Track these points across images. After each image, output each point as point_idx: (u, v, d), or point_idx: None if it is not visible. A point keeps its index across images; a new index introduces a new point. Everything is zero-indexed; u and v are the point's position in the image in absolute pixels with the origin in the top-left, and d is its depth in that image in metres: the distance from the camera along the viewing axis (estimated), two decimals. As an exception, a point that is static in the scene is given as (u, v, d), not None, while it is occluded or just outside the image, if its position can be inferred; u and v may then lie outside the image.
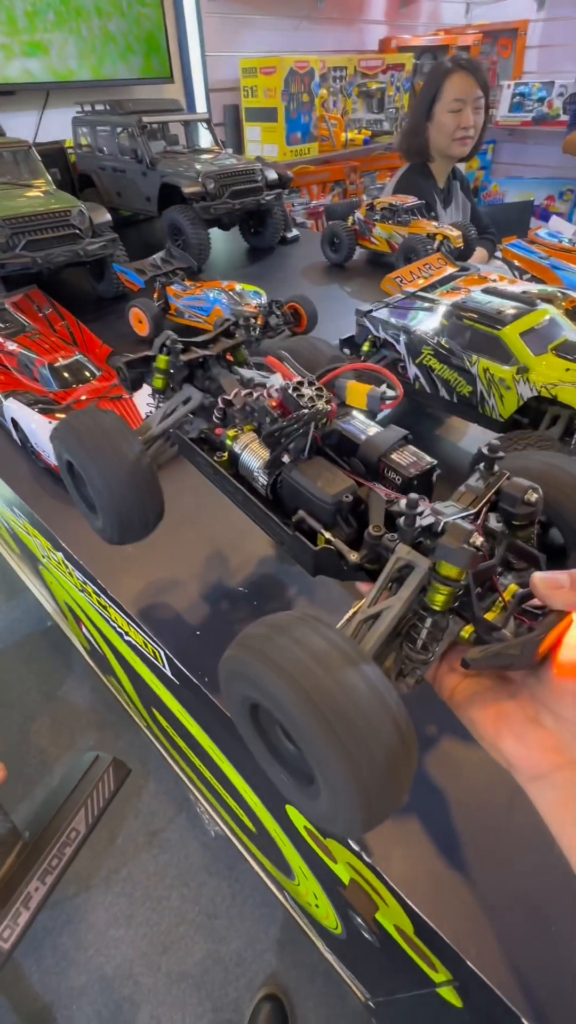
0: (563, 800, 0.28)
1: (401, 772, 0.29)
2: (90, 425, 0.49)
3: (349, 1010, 1.11)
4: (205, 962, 1.18)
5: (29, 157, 1.32)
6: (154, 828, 1.39)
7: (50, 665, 1.77)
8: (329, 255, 1.57)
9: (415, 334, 0.76)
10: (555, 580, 0.29)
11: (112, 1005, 1.13)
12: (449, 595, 0.33)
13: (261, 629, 0.31)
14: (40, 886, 0.28)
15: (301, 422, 0.42)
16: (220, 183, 1.44)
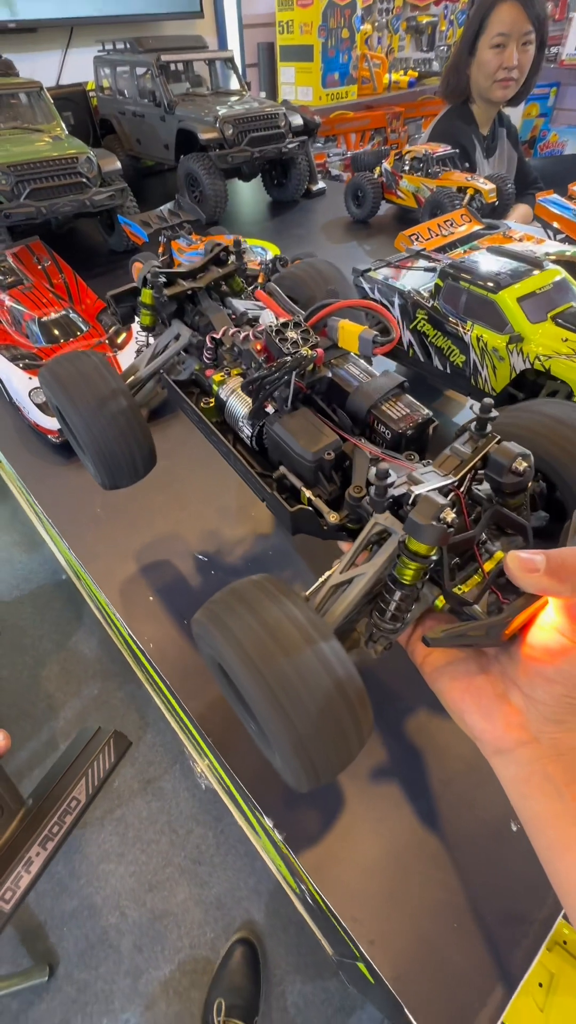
0: (524, 776, 0.28)
1: (349, 739, 0.29)
2: (69, 368, 0.47)
3: (318, 961, 1.15)
4: (186, 903, 1.24)
5: (41, 99, 1.27)
6: (149, 776, 1.45)
7: (62, 616, 1.84)
8: (352, 210, 1.48)
9: (410, 296, 0.70)
10: (530, 562, 0.27)
11: (99, 931, 1.21)
12: (418, 570, 0.31)
13: (224, 595, 0.32)
14: (41, 851, 0.29)
15: (282, 371, 0.39)
16: (239, 129, 1.36)
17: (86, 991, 1.14)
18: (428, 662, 0.34)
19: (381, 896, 0.37)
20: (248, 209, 1.68)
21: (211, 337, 0.45)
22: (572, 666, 0.26)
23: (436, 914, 0.36)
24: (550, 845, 0.27)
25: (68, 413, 0.47)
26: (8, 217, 1.07)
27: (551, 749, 0.28)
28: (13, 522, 2.14)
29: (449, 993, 0.34)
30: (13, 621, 1.82)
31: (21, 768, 1.47)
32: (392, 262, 0.79)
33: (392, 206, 1.51)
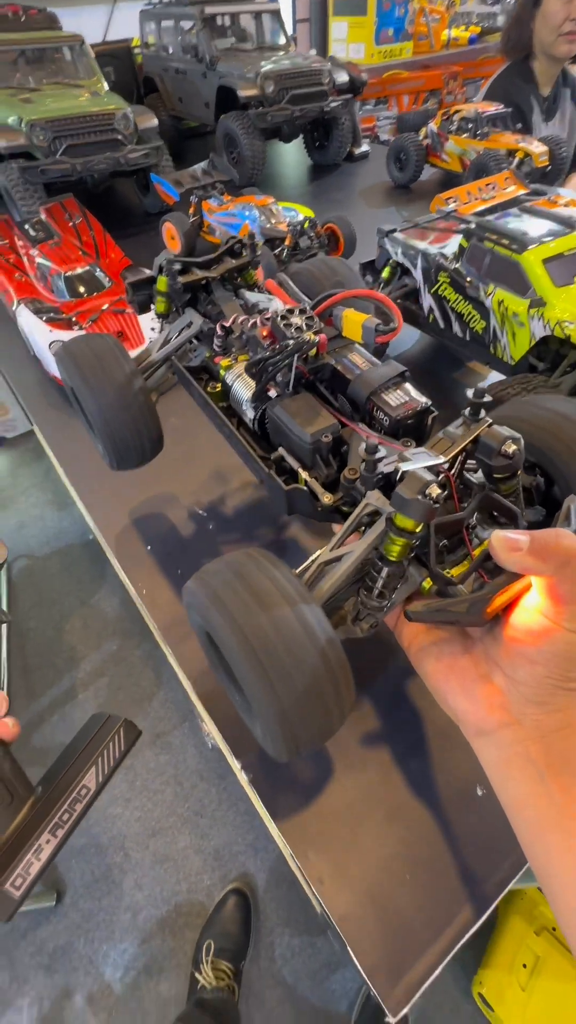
0: (506, 758, 0.28)
1: (330, 711, 0.30)
2: (84, 350, 0.49)
3: (308, 918, 1.19)
4: (186, 851, 1.30)
5: (83, 54, 1.26)
6: (159, 731, 1.51)
7: (87, 574, 1.91)
8: (394, 174, 1.42)
9: (432, 258, 0.67)
10: (514, 541, 0.27)
11: (104, 867, 1.28)
12: (405, 546, 0.31)
13: (217, 565, 0.33)
14: (51, 839, 0.29)
15: (284, 353, 0.40)
16: (280, 86, 1.32)
17: (89, 920, 1.21)
18: (414, 644, 0.34)
19: (338, 842, 0.38)
20: (287, 172, 1.64)
21: (221, 325, 0.46)
22: (553, 647, 0.26)
23: (390, 865, 0.37)
24: (530, 827, 0.27)
25: (82, 395, 0.49)
26: (44, 173, 1.09)
27: (533, 731, 0.27)
28: (46, 481, 2.21)
29: (392, 939, 0.34)
30: (42, 575, 1.90)
31: (43, 714, 1.55)
32: (420, 223, 0.76)
33: (436, 171, 1.44)
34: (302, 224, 0.99)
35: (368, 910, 0.35)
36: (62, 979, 1.15)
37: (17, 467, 2.30)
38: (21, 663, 1.67)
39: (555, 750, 0.27)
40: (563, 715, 0.27)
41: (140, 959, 1.16)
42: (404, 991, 0.32)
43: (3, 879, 0.28)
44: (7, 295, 0.87)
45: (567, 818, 0.26)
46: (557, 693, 0.27)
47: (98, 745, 0.31)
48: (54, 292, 0.83)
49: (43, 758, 1.46)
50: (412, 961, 0.33)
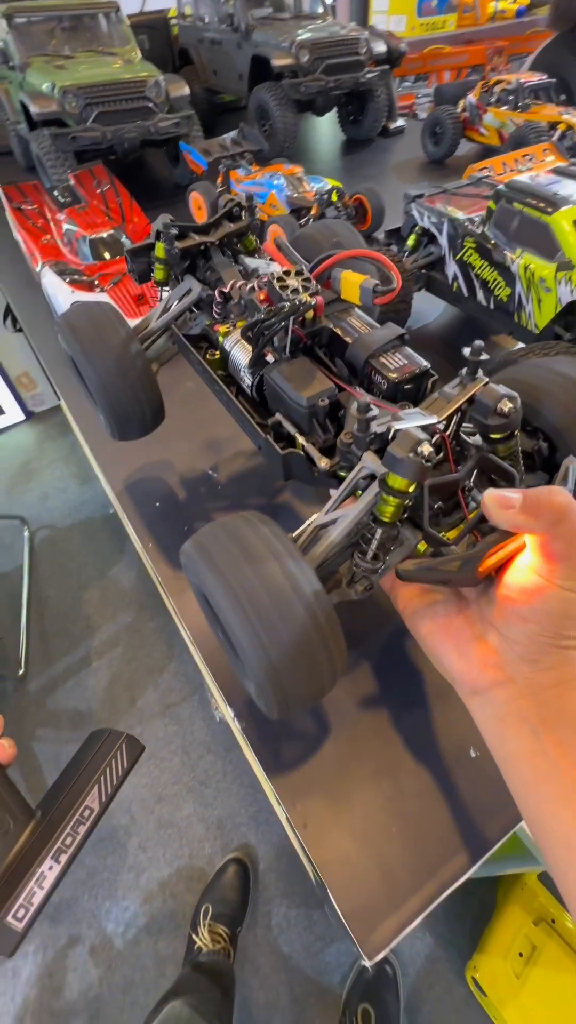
0: (500, 716, 0.28)
1: (320, 671, 0.30)
2: (84, 319, 0.49)
3: (305, 891, 1.21)
4: (190, 819, 1.33)
5: (119, 21, 1.26)
6: (169, 702, 1.54)
7: (107, 547, 1.95)
8: (429, 148, 1.38)
9: (459, 223, 0.65)
10: (506, 499, 0.27)
11: (110, 829, 1.32)
12: (398, 507, 0.31)
13: (212, 527, 0.33)
14: (54, 865, 0.27)
15: (280, 315, 0.39)
16: (315, 55, 1.29)
17: (94, 876, 1.25)
18: (409, 606, 0.34)
19: (325, 791, 0.38)
20: (319, 146, 1.61)
21: (220, 291, 0.45)
22: (546, 604, 0.26)
23: (376, 816, 0.37)
24: (524, 782, 0.27)
25: (81, 364, 0.48)
26: (75, 140, 1.09)
27: (526, 688, 0.27)
28: (71, 455, 2.26)
29: (373, 887, 0.34)
30: (63, 546, 1.94)
31: (58, 680, 1.60)
32: (449, 189, 0.74)
33: (473, 145, 1.40)
34: (329, 193, 0.97)
35: (351, 857, 0.35)
36: (66, 930, 1.19)
37: (43, 440, 2.35)
38: (39, 630, 1.71)
39: (549, 707, 0.27)
40: (556, 672, 0.27)
41: (141, 918, 1.19)
42: (381, 938, 0.32)
43: (5, 911, 0.26)
44: (33, 258, 0.88)
45: (561, 772, 0.26)
46: (550, 651, 0.27)
47: (100, 763, 0.30)
48: (78, 255, 0.84)
49: (55, 721, 1.51)
50: (391, 910, 0.33)
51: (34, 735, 1.49)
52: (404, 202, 0.74)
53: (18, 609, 1.74)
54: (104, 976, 1.13)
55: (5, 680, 1.58)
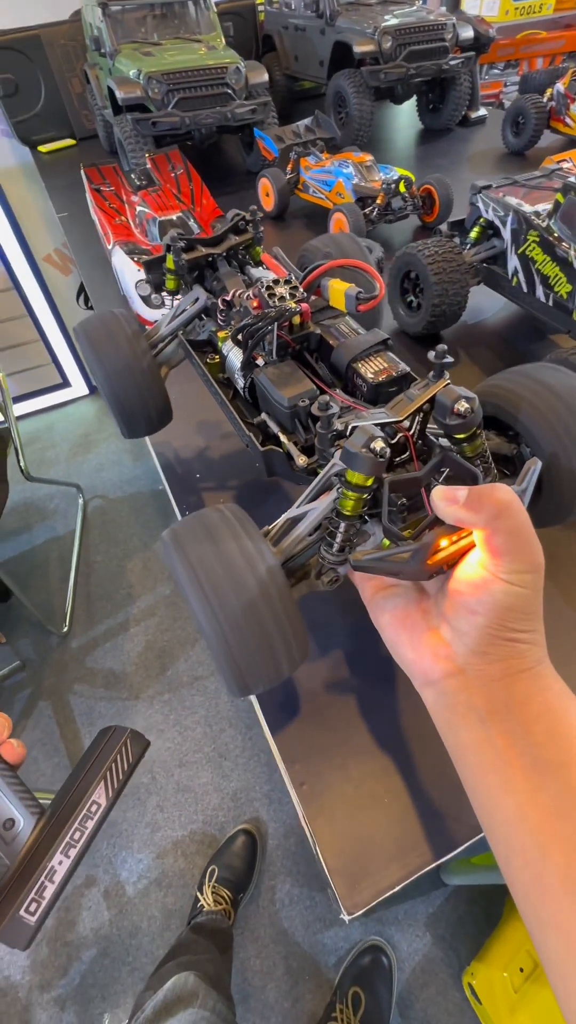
0: (450, 705, 0.29)
1: (277, 656, 0.32)
2: (96, 325, 0.52)
3: (310, 872, 1.23)
4: (207, 787, 1.38)
5: (207, 7, 1.29)
6: (198, 674, 1.60)
7: (153, 521, 2.03)
8: (509, 139, 1.33)
9: (524, 215, 0.64)
10: (452, 495, 0.28)
11: (132, 786, 1.40)
12: (357, 501, 0.32)
13: (188, 518, 0.36)
14: (64, 859, 0.27)
15: (265, 320, 0.41)
16: (399, 42, 1.27)
17: (113, 827, 1.33)
18: (373, 600, 0.35)
19: (324, 755, 0.40)
20: (394, 135, 1.59)
21: (223, 299, 0.48)
22: (491, 597, 0.27)
23: (369, 785, 0.38)
24: (472, 771, 0.28)
25: (93, 369, 0.52)
26: (155, 126, 1.13)
27: (476, 680, 0.28)
28: (128, 431, 2.35)
29: (359, 848, 0.36)
30: (113, 515, 2.04)
31: (98, 640, 1.69)
32: (520, 180, 0.72)
33: (558, 137, 1.34)
34: (397, 183, 0.96)
35: (341, 817, 0.36)
36: (84, 871, 1.27)
37: (103, 415, 2.46)
38: (85, 592, 1.82)
39: (496, 698, 0.27)
40: (504, 664, 0.27)
41: (153, 871, 1.26)
42: (362, 896, 0.34)
43: (18, 905, 0.27)
44: (106, 236, 0.93)
45: (505, 762, 0.26)
46: (497, 642, 0.27)
47: (105, 759, 0.30)
48: (147, 236, 0.88)
49: (92, 678, 1.60)
50: (375, 872, 0.34)
51: (72, 689, 1.59)
52: (470, 193, 0.72)
53: (68, 571, 1.85)
54: (115, 919, 1.20)
55: (51, 635, 1.69)
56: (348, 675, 0.45)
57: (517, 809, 0.25)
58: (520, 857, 0.25)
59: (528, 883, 0.25)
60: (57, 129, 1.66)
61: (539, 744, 0.26)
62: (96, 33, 1.28)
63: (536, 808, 0.25)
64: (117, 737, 0.31)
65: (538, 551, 0.27)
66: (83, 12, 1.38)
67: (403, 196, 0.97)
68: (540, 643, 0.28)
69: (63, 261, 2.11)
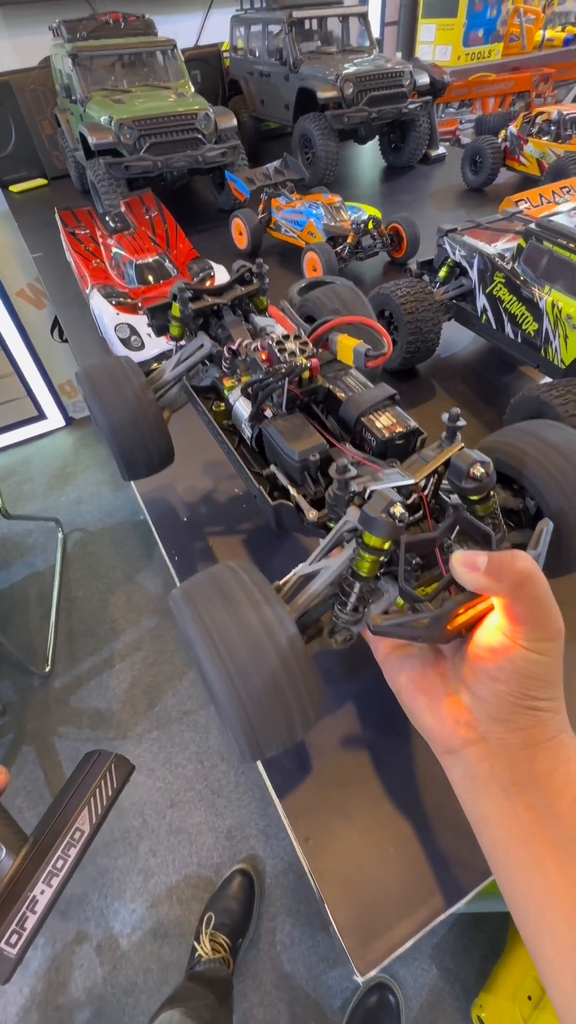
0: (472, 775, 0.29)
1: (292, 719, 0.31)
2: (101, 371, 0.53)
3: (310, 910, 1.20)
4: (201, 827, 1.34)
5: (174, 57, 1.33)
6: (187, 709, 1.57)
7: (135, 553, 2.00)
8: (468, 177, 1.40)
9: (489, 258, 0.67)
10: (472, 561, 0.28)
11: (122, 829, 1.35)
12: (373, 563, 0.33)
13: (199, 576, 0.35)
14: (46, 889, 0.27)
15: (277, 376, 0.42)
16: (360, 88, 1.33)
17: (105, 875, 1.28)
18: (388, 658, 0.35)
19: (328, 807, 0.39)
20: (359, 173, 1.65)
21: (228, 348, 0.49)
22: (512, 664, 0.27)
23: (376, 836, 0.38)
24: (496, 844, 0.27)
25: (97, 415, 0.53)
26: (128, 169, 1.16)
27: (498, 749, 0.28)
28: (106, 462, 2.34)
29: (369, 903, 0.35)
30: (94, 549, 2.01)
31: (82, 678, 1.64)
32: (483, 224, 0.75)
33: (513, 174, 1.41)
34: (366, 223, 1.00)
35: (348, 871, 0.36)
36: (75, 926, 1.22)
37: (81, 446, 2.44)
38: (67, 629, 1.77)
39: (520, 768, 0.27)
40: (526, 734, 0.27)
41: (147, 921, 1.21)
42: (374, 954, 0.33)
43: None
44: (83, 280, 0.94)
45: (532, 836, 0.26)
46: (519, 711, 0.27)
47: (89, 784, 0.30)
48: (124, 279, 0.89)
49: (77, 719, 1.55)
50: (386, 928, 0.34)
51: (56, 731, 1.54)
52: (437, 236, 0.76)
53: (48, 607, 1.81)
54: (109, 976, 1.14)
55: (32, 676, 1.64)
56: (348, 723, 0.45)
57: (547, 889, 0.25)
58: (552, 943, 0.24)
59: (561, 969, 0.24)
60: (28, 169, 1.69)
61: (565, 818, 0.25)
62: (67, 81, 1.31)
63: (568, 890, 0.24)
64: (101, 762, 0.30)
65: (558, 619, 0.27)
66: (52, 60, 1.42)
67: (372, 235, 1.00)
68: (561, 711, 0.28)
69: (36, 296, 2.11)
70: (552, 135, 1.24)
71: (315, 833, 0.38)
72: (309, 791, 0.41)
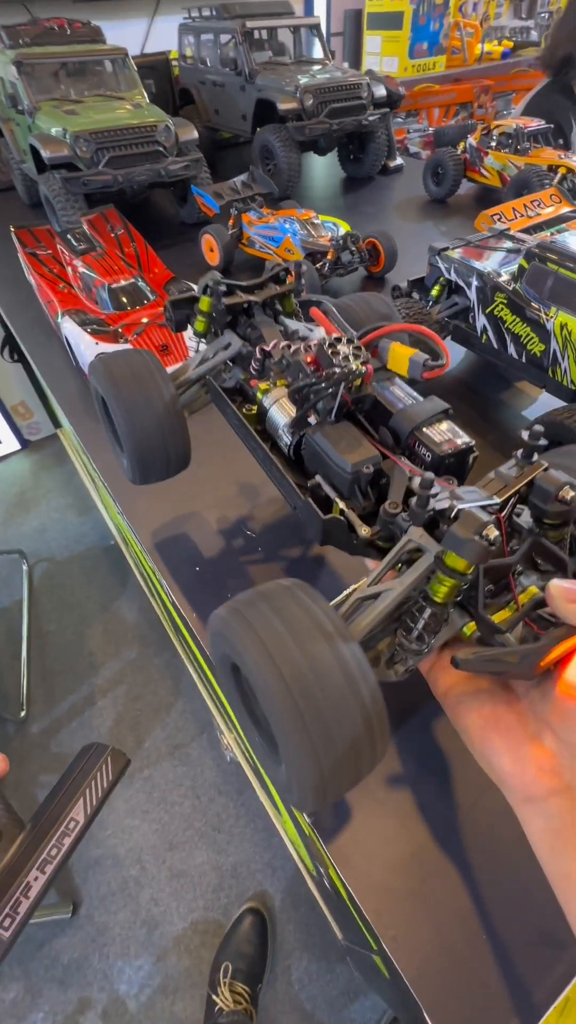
0: (556, 828, 0.26)
1: (362, 759, 0.28)
2: (123, 365, 0.49)
3: (326, 942, 1.17)
4: (203, 867, 1.28)
5: (125, 67, 1.28)
6: (177, 742, 1.50)
7: (108, 580, 1.91)
8: (431, 188, 1.42)
9: (489, 278, 0.66)
10: (574, 592, 0.26)
11: (120, 880, 1.27)
12: (453, 588, 0.30)
13: (250, 595, 0.31)
14: (40, 875, 0.28)
15: (331, 381, 0.39)
16: (319, 99, 1.32)
17: (105, 933, 1.20)
18: (451, 693, 0.32)
19: (406, 894, 0.36)
20: (321, 184, 1.64)
21: (261, 349, 0.46)
22: None
23: (463, 921, 0.35)
24: None
25: (114, 409, 0.48)
26: (86, 184, 1.09)
27: None
28: (68, 486, 2.23)
29: (470, 1003, 0.32)
30: (63, 579, 1.90)
31: (62, 720, 1.55)
32: (472, 242, 0.75)
33: (473, 185, 1.43)
34: (344, 239, 0.98)
35: (443, 971, 0.33)
36: (76, 993, 1.13)
37: (40, 470, 2.32)
38: (41, 667, 1.67)
39: None
40: None
41: (155, 977, 1.14)
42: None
43: None
44: (51, 305, 0.87)
45: None
46: None
47: (85, 776, 0.30)
48: (98, 303, 0.83)
49: (59, 766, 1.45)
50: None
51: (37, 781, 1.43)
52: (429, 255, 0.75)
53: (18, 646, 1.69)
54: (119, 1044, 1.07)
55: (6, 723, 1.53)
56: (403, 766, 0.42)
57: None
58: None
59: None
60: (-32, 182, 1.58)
61: None
62: (10, 89, 1.23)
63: None
64: (98, 754, 0.32)
65: None
66: (-8, 67, 1.33)
67: (351, 250, 0.99)
68: None
69: (-17, 315, 1.98)
70: (510, 148, 1.26)
71: (403, 930, 0.34)
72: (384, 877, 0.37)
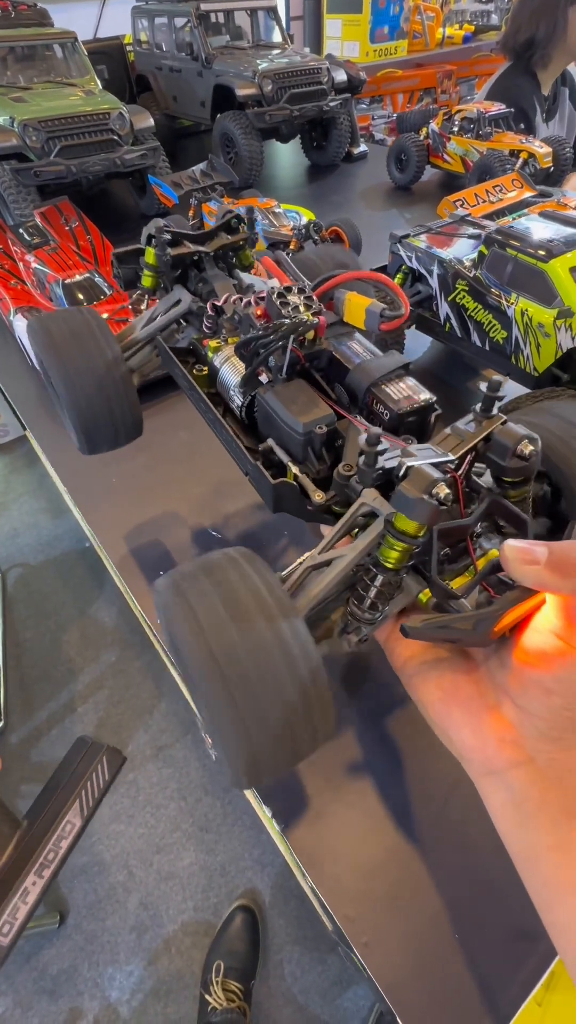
0: (517, 801, 0.25)
1: (299, 738, 0.26)
2: (62, 325, 0.45)
3: (317, 934, 1.17)
4: (192, 868, 1.27)
5: (75, 52, 1.23)
6: (161, 744, 1.48)
7: (85, 583, 1.87)
8: (395, 175, 1.40)
9: (450, 265, 0.65)
10: (529, 552, 0.24)
11: (107, 887, 1.25)
12: (404, 552, 0.28)
13: (191, 567, 0.29)
14: (37, 880, 0.27)
15: (279, 333, 0.36)
16: (279, 85, 1.29)
17: (93, 941, 1.18)
18: (408, 664, 0.30)
19: (378, 898, 0.36)
20: (284, 172, 1.61)
21: (212, 304, 0.43)
22: (570, 674, 0.23)
23: (435, 922, 0.35)
24: (545, 883, 0.24)
25: (53, 372, 0.45)
26: (38, 176, 1.05)
27: (549, 771, 0.24)
28: (40, 488, 2.17)
29: (444, 1007, 0.32)
30: (38, 585, 1.86)
31: (42, 729, 1.52)
32: (434, 228, 0.74)
33: (437, 171, 1.42)
34: (306, 227, 0.96)
35: (417, 974, 0.33)
36: (67, 1004, 1.12)
37: (9, 473, 2.25)
38: (18, 676, 1.63)
39: (574, 794, 0.24)
40: None
41: (147, 981, 1.13)
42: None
43: None
44: (3, 303, 0.84)
45: None
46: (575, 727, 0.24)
47: (81, 776, 0.30)
48: (52, 300, 0.80)
49: (42, 775, 1.43)
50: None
51: (19, 792, 1.40)
52: (390, 242, 0.73)
53: (-7, 656, 1.65)
54: (112, 1051, 1.06)
55: (-17, 735, 1.49)
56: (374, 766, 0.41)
57: None
58: None
59: None
60: None
61: None
62: (-46, 76, 1.17)
63: None
64: (93, 753, 0.31)
65: None
66: None
67: (314, 239, 0.97)
68: None
69: None
70: (472, 133, 1.25)
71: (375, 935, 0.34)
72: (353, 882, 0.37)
